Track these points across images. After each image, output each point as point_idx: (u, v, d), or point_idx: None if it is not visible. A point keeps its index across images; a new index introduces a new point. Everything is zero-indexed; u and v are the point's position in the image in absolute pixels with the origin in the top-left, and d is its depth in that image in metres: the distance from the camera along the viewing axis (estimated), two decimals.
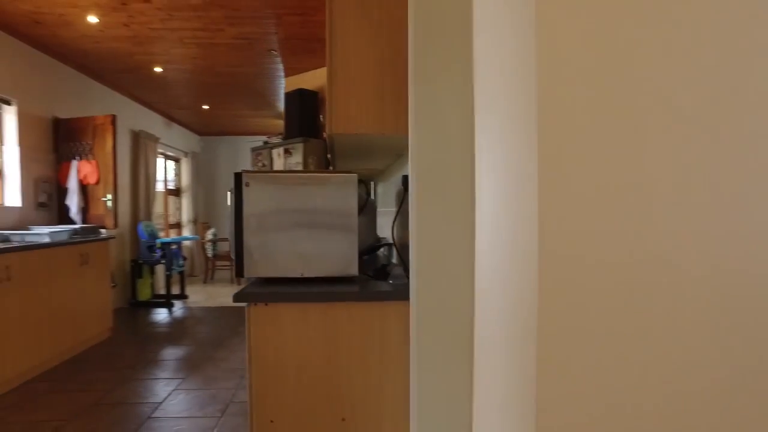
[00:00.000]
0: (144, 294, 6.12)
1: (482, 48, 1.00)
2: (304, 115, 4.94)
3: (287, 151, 5.15)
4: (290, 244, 1.82)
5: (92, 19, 3.76)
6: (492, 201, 0.81)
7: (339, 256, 1.83)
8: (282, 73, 5.40)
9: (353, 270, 1.82)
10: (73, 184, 4.44)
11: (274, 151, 5.25)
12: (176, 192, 8.65)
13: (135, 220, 6.29)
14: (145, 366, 3.72)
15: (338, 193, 1.82)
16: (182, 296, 6.46)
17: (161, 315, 5.56)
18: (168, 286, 6.00)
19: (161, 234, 7.69)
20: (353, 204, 1.82)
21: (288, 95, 5.40)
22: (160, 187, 7.56)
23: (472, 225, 1.09)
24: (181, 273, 6.46)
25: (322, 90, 5.25)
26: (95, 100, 5.34)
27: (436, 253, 1.12)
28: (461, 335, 1.13)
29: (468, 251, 1.11)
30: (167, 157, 8.07)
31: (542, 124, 0.48)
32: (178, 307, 5.98)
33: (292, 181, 1.82)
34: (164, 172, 7.95)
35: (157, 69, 5.11)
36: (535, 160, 0.49)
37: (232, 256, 1.86)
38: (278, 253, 1.82)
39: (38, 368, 3.49)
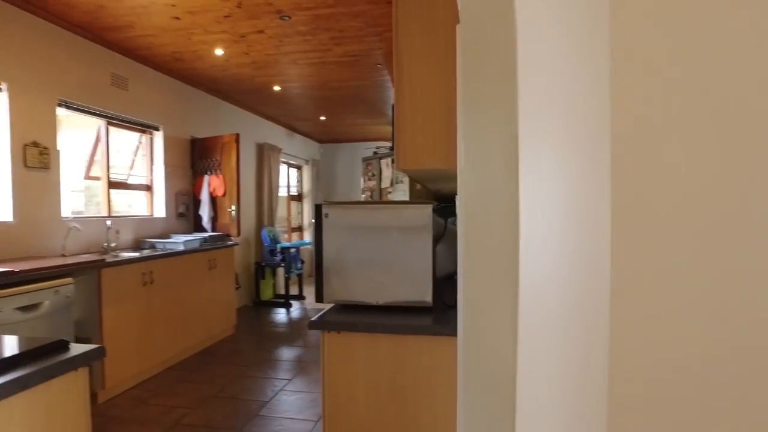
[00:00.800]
0: (266, 294, 6.71)
1: (529, 80, 0.96)
2: None
3: (395, 161, 5.26)
4: (366, 272, 1.88)
5: (219, 51, 4.22)
6: (544, 235, 0.76)
7: (413, 285, 1.85)
8: (390, 84, 5.54)
9: (427, 299, 1.83)
10: (204, 197, 5.03)
11: (383, 161, 5.41)
12: (298, 197, 9.32)
13: (259, 225, 6.92)
14: (259, 364, 4.09)
15: (412, 224, 1.84)
16: (300, 297, 6.95)
17: (280, 314, 6.05)
18: (287, 287, 6.50)
19: (284, 237, 8.35)
20: (428, 234, 1.83)
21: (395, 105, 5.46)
22: (283, 192, 8.20)
23: (515, 267, 1.04)
24: (300, 275, 6.95)
25: None
26: (225, 119, 5.98)
27: (481, 291, 1.10)
28: (503, 383, 1.09)
29: (512, 290, 1.06)
30: (290, 165, 8.73)
31: (616, 161, 0.43)
32: (295, 308, 6.45)
33: (368, 211, 1.88)
34: (287, 178, 8.62)
35: (276, 87, 5.56)
36: (607, 197, 0.44)
37: (315, 282, 1.97)
38: (355, 281, 1.90)
39: (175, 358, 4.02)
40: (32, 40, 3.34)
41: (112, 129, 4.24)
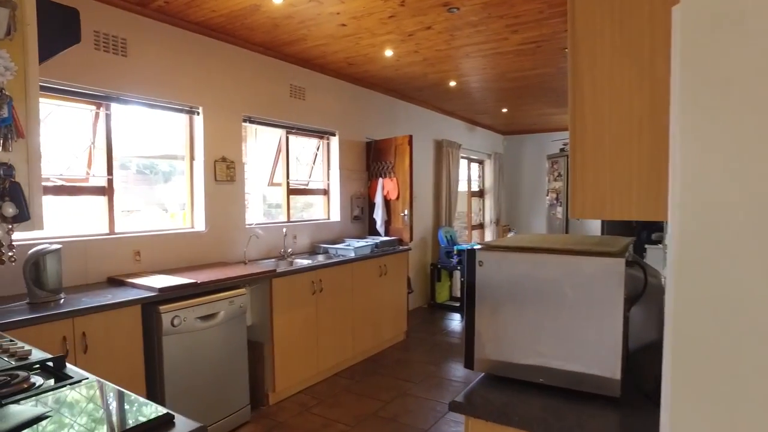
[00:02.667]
0: (441, 296, 6.51)
1: None
2: None
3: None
4: (530, 338, 1.44)
5: (388, 52, 4.06)
6: None
7: (593, 362, 1.35)
8: None
9: (614, 383, 1.31)
10: (379, 200, 5.00)
11: None
12: (479, 193, 8.90)
13: (437, 224, 6.73)
14: (424, 380, 3.87)
15: (595, 281, 1.33)
16: None
17: (453, 321, 5.78)
18: (462, 291, 6.19)
19: (464, 235, 8.06)
20: (618, 295, 1.31)
21: None
22: (462, 187, 7.87)
23: None
24: None
25: None
26: (401, 118, 5.89)
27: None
28: None
29: None
30: (470, 161, 8.35)
31: None
32: None
33: (536, 261, 1.42)
34: (467, 174, 8.27)
35: (452, 83, 5.22)
36: None
37: (464, 345, 1.60)
38: (514, 349, 1.47)
39: (342, 364, 4.06)
40: (221, 65, 3.61)
41: (291, 138, 4.45)
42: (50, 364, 1.46)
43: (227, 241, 3.66)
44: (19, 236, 2.60)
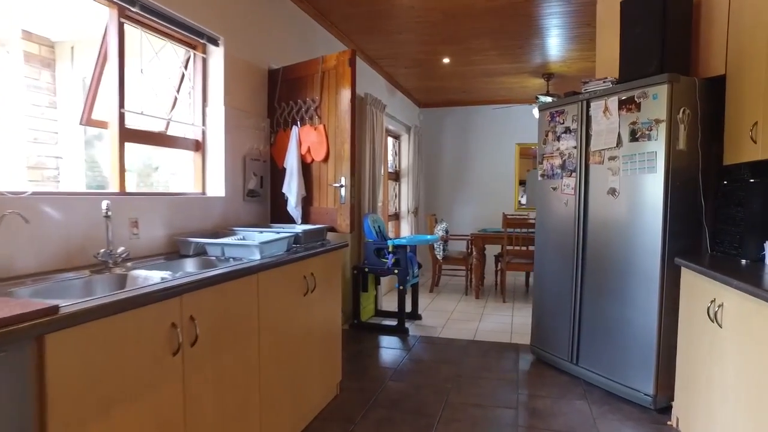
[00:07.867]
0: (367, 312, 4.67)
1: None
2: (669, 35, 2.66)
3: (629, 104, 2.95)
4: None
5: None
6: None
7: None
8: None
9: None
10: (292, 162, 2.98)
11: (594, 105, 3.12)
12: (394, 176, 7.21)
13: (359, 213, 4.85)
14: None
15: None
16: (414, 316, 4.84)
17: (395, 350, 3.95)
18: (401, 304, 4.39)
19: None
20: None
21: (629, 3, 2.73)
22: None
23: None
24: (415, 285, 4.83)
25: None
26: (317, 47, 3.93)
27: None
28: None
29: None
30: (387, 133, 6.63)
31: None
32: (413, 334, 4.34)
33: None
34: (382, 150, 6.52)
35: None
36: None
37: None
38: None
39: None
40: None
41: (130, 30, 2.25)
42: None
43: None
44: None
